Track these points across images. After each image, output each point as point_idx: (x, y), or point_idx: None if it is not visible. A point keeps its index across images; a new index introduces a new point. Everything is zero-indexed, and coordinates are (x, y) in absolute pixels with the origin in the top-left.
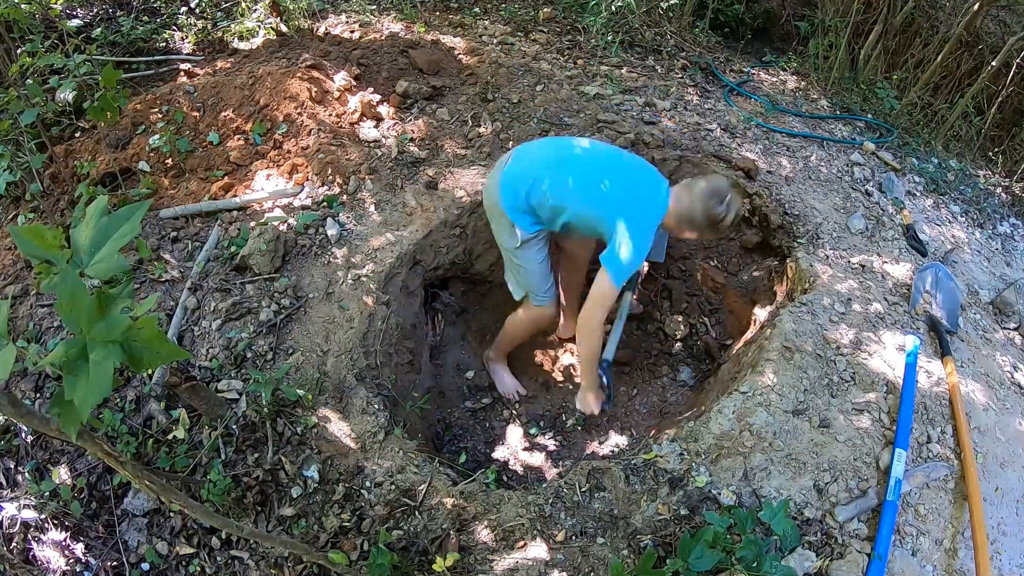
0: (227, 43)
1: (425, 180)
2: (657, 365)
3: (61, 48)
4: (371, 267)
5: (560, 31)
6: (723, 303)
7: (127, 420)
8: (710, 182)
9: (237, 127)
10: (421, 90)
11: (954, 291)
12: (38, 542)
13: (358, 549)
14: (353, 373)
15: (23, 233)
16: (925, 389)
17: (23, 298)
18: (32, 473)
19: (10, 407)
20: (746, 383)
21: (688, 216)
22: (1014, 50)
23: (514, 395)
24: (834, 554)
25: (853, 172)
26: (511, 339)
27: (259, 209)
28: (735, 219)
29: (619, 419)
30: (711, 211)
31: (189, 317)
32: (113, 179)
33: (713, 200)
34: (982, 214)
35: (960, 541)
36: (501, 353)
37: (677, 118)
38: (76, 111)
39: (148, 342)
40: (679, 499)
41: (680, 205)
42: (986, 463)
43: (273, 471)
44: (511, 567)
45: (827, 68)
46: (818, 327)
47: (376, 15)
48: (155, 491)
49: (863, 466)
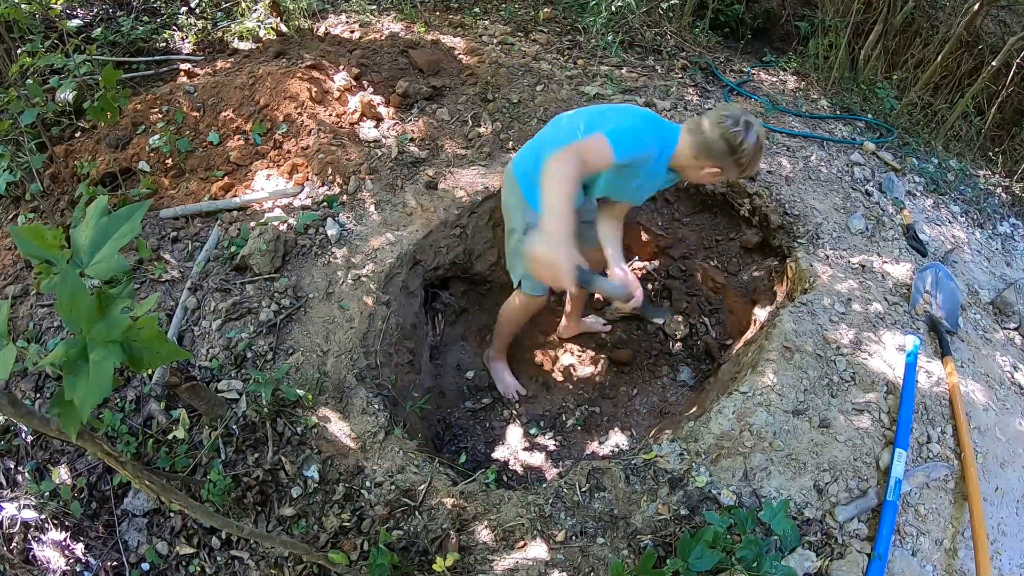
0: (227, 43)
1: (425, 180)
2: (657, 365)
3: (61, 48)
4: (371, 267)
5: (560, 31)
6: (723, 303)
7: (127, 420)
8: (721, 107)
9: (237, 127)
10: (421, 90)
11: (954, 291)
12: (38, 542)
13: (358, 549)
14: (353, 373)
15: (23, 233)
16: (925, 389)
17: (23, 298)
18: (32, 473)
19: (10, 407)
20: (746, 383)
21: (704, 144)
22: (1014, 50)
23: (514, 395)
24: (834, 554)
25: (853, 172)
26: (506, 329)
27: (259, 209)
28: (757, 148)
29: (619, 419)
30: (727, 132)
31: (189, 317)
32: (113, 179)
33: (728, 121)
34: (982, 214)
35: (960, 541)
36: (500, 350)
37: (677, 118)
38: (76, 111)
39: (148, 342)
40: (679, 499)
41: (694, 136)
42: (986, 463)
43: (273, 471)
44: (511, 567)
45: (827, 68)
46: (818, 327)
47: (376, 15)
48: (155, 491)
49: (863, 466)
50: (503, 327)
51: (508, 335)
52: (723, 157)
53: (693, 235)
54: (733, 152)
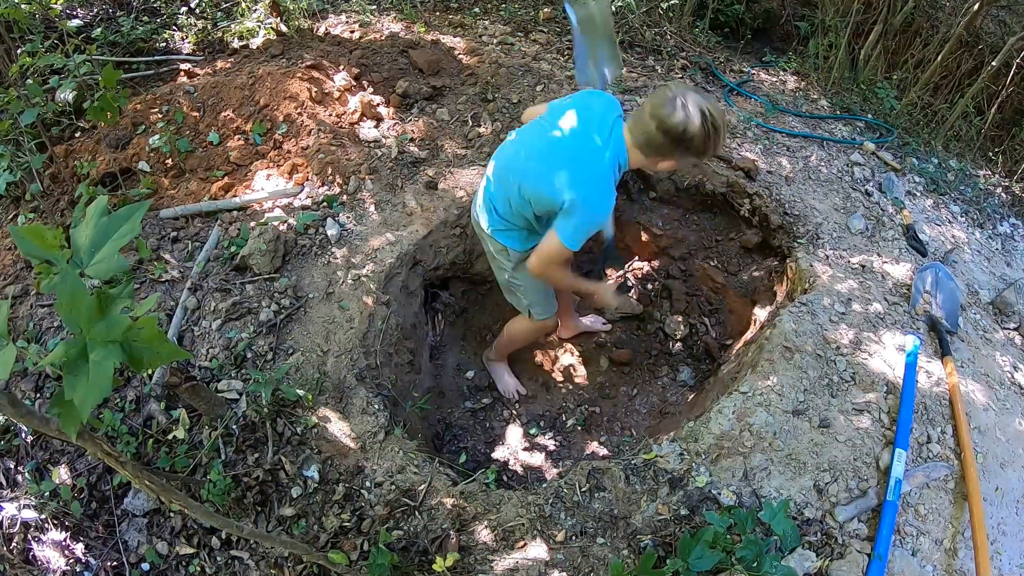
0: (227, 43)
1: (425, 180)
2: (657, 365)
3: (61, 48)
4: (371, 267)
5: (560, 31)
6: (723, 303)
7: (127, 420)
8: (658, 91)
9: (237, 127)
10: (421, 90)
11: (954, 291)
12: (38, 542)
13: (358, 549)
14: (353, 373)
15: (23, 233)
16: (925, 389)
17: (23, 298)
18: (32, 473)
19: (10, 407)
20: (746, 383)
21: (646, 140)
22: (1014, 50)
23: (514, 395)
24: (834, 554)
25: (853, 172)
26: (512, 344)
27: (259, 209)
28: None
29: (619, 419)
30: (666, 122)
31: (189, 317)
32: (113, 179)
33: (665, 109)
34: (982, 214)
35: (960, 541)
36: (501, 354)
37: None
38: (76, 111)
39: (148, 342)
40: (679, 499)
41: (635, 136)
42: (986, 463)
43: (273, 471)
44: (511, 567)
45: (827, 68)
46: (818, 327)
47: (376, 15)
48: (155, 491)
49: (863, 466)
50: (510, 343)
51: (512, 348)
52: (671, 149)
53: (693, 235)
54: (680, 142)
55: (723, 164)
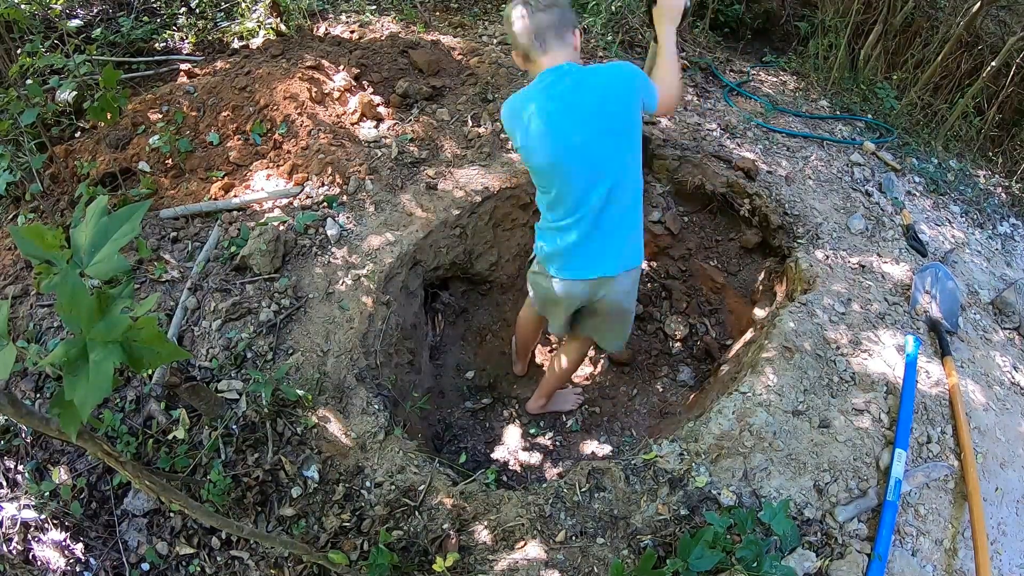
0: (227, 43)
1: (425, 180)
2: (657, 365)
3: (61, 48)
4: (371, 267)
5: None
6: (723, 303)
7: (127, 420)
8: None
9: (237, 127)
10: (421, 90)
11: (954, 291)
12: (38, 542)
13: (358, 549)
14: (353, 373)
15: (23, 233)
16: (925, 389)
17: (23, 298)
18: (32, 473)
19: (10, 407)
20: (746, 383)
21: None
22: (1014, 50)
23: (578, 403)
24: (834, 554)
25: (853, 172)
26: (565, 377)
27: (259, 209)
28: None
29: (619, 419)
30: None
31: (189, 317)
32: (113, 179)
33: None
34: (982, 214)
35: (960, 541)
36: (551, 391)
37: (677, 118)
38: (76, 111)
39: (148, 342)
40: (679, 499)
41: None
42: (986, 463)
43: (273, 471)
44: (511, 567)
45: (827, 68)
46: (818, 327)
47: (376, 15)
48: (155, 491)
49: (863, 466)
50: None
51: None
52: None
53: (693, 235)
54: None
55: (723, 164)
